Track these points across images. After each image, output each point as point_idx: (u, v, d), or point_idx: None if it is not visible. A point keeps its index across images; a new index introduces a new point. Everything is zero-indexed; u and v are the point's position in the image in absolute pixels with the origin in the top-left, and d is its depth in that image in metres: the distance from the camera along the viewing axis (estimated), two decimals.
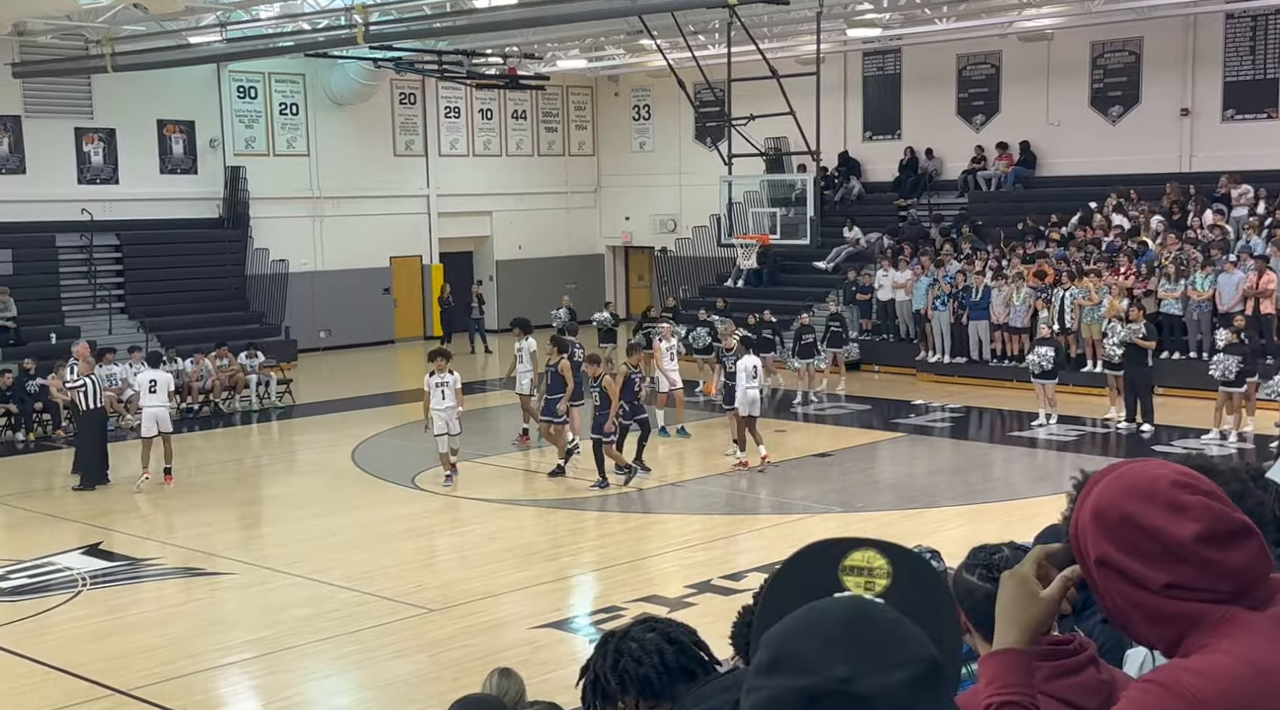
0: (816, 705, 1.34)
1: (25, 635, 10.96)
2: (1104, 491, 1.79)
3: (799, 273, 27.40)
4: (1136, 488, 1.76)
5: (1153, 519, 1.73)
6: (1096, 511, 1.78)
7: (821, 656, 1.36)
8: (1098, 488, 1.81)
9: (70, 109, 25.75)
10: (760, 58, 21.75)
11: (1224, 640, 1.70)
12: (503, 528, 14.47)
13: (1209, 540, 1.71)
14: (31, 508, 15.78)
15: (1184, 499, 1.73)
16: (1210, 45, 24.54)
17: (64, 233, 25.18)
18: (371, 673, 10.09)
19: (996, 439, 19.24)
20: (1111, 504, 1.77)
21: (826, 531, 13.79)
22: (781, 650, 1.39)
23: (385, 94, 30.13)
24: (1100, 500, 1.78)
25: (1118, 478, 1.80)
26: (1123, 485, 1.78)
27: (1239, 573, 1.72)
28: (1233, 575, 1.72)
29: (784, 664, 1.37)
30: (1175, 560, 1.72)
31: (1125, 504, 1.75)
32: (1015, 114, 27.07)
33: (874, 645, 1.37)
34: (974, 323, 22.91)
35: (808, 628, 1.40)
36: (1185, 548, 1.71)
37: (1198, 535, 1.71)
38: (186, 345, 22.84)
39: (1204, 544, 1.71)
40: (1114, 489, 1.78)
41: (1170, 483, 1.75)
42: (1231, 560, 1.72)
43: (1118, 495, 1.77)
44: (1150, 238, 22.50)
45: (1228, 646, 1.69)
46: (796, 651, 1.38)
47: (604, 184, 34.61)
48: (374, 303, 30.19)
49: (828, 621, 1.41)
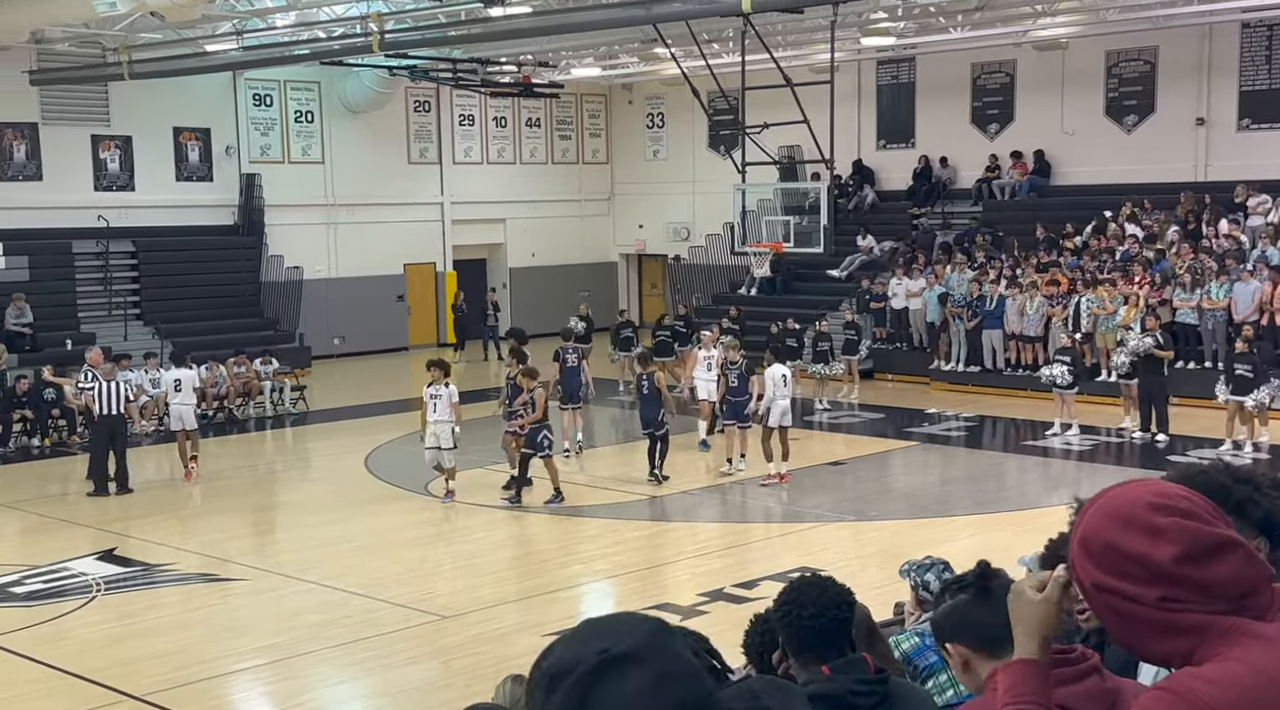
0: (593, 680, 1.60)
1: (40, 640, 11.00)
2: (1089, 521, 1.83)
3: (812, 281, 27.39)
4: (1117, 513, 1.80)
5: (1132, 545, 1.76)
6: (1083, 541, 1.82)
7: (581, 650, 1.63)
8: (1085, 516, 1.85)
9: (87, 116, 25.88)
10: (774, 66, 21.73)
11: (1235, 649, 1.71)
12: (514, 535, 14.48)
13: (1187, 560, 1.74)
14: (46, 513, 15.84)
15: (1158, 522, 1.76)
16: (1226, 54, 24.48)
17: (80, 239, 25.29)
18: (384, 679, 10.10)
19: (1010, 448, 19.20)
20: (1095, 533, 1.81)
21: (839, 540, 13.82)
22: (551, 670, 1.64)
23: (400, 102, 30.22)
24: (1086, 530, 1.83)
25: (1101, 505, 1.84)
26: (1105, 513, 1.82)
27: (1225, 586, 1.74)
28: (1219, 588, 1.74)
29: (557, 673, 1.63)
30: (1160, 581, 1.75)
31: (1107, 532, 1.79)
32: (1030, 123, 27.03)
33: (612, 626, 1.68)
34: (988, 331, 22.87)
35: (562, 644, 1.68)
36: (1166, 569, 1.74)
37: (1175, 557, 1.74)
38: (201, 351, 22.90)
39: (1183, 564, 1.74)
40: (1098, 518, 1.82)
41: (1146, 506, 1.78)
42: (1214, 575, 1.74)
43: (1100, 524, 1.81)
44: (1166, 247, 22.44)
45: (1239, 655, 1.71)
46: (561, 660, 1.64)
47: (618, 192, 34.65)
48: (388, 310, 30.26)
49: (573, 635, 1.69)
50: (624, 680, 1.60)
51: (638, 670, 1.61)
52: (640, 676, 1.61)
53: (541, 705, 1.65)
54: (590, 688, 1.60)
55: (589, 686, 1.60)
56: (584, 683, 1.61)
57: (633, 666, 1.61)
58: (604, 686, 1.60)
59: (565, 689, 1.61)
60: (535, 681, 1.67)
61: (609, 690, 1.60)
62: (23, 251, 24.32)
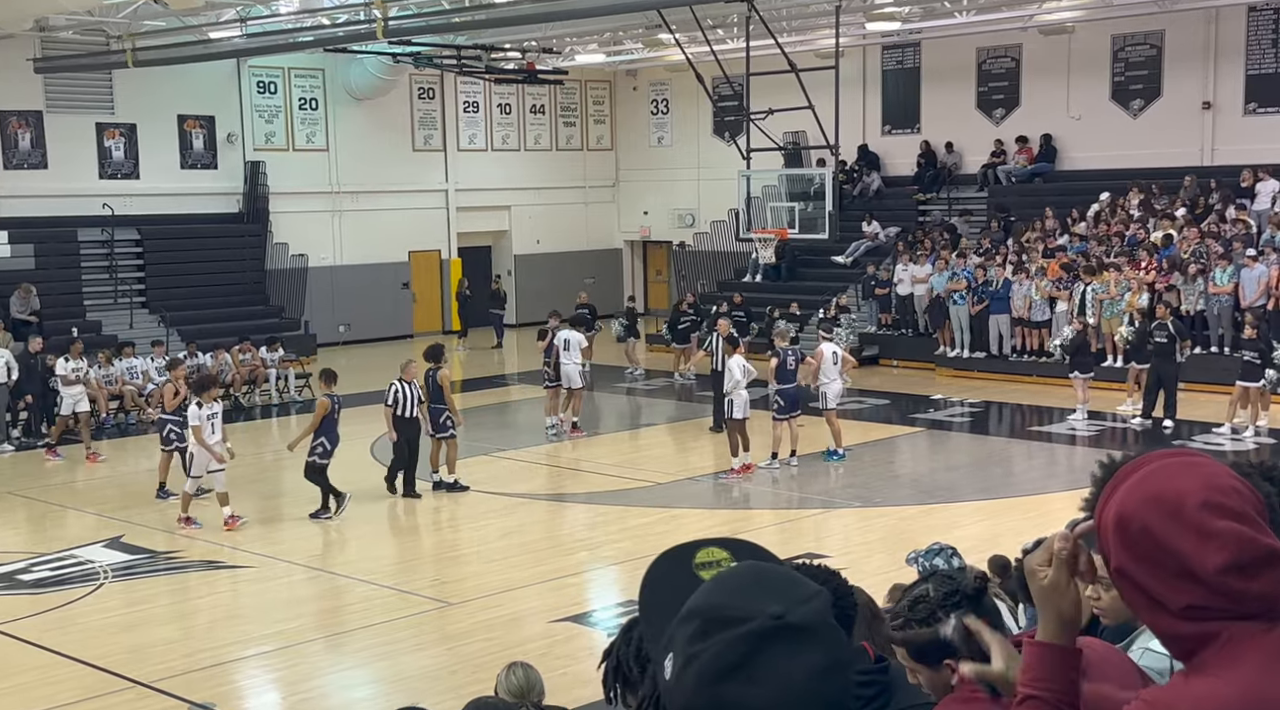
0: (762, 643, 1.52)
1: (47, 628, 11.03)
2: (1128, 496, 1.70)
3: (817, 267, 27.35)
4: (1163, 499, 1.67)
5: (1176, 541, 1.64)
6: (1119, 518, 1.69)
7: (749, 605, 1.54)
8: (1124, 488, 1.71)
9: (91, 104, 25.86)
10: (779, 52, 21.69)
11: (1230, 665, 1.64)
12: (521, 522, 14.49)
13: (1235, 570, 1.63)
14: (53, 501, 15.88)
15: (1212, 525, 1.64)
16: (1232, 38, 24.37)
17: (85, 227, 25.30)
18: (390, 666, 10.12)
19: (1016, 434, 19.18)
20: (1134, 513, 1.68)
21: (844, 527, 13.83)
22: (708, 614, 1.55)
23: (404, 89, 30.17)
24: (1124, 506, 1.69)
25: (1142, 481, 1.70)
26: (1147, 493, 1.69)
27: (1261, 600, 1.65)
28: (1254, 601, 1.65)
29: (716, 623, 1.54)
30: (1196, 585, 1.64)
31: (1147, 517, 1.67)
32: (1036, 107, 26.94)
33: (784, 587, 1.59)
34: (994, 316, 22.81)
35: (724, 591, 1.59)
36: (1209, 576, 1.63)
37: (1223, 566, 1.63)
38: (206, 340, 22.94)
39: (1229, 574, 1.63)
40: (1138, 496, 1.69)
41: (1199, 504, 1.65)
42: (1255, 588, 1.64)
43: (1142, 506, 1.68)
44: (1176, 231, 22.37)
45: (1234, 677, 1.63)
46: (724, 610, 1.55)
47: (622, 178, 34.60)
48: (393, 297, 30.26)
49: (738, 581, 1.61)
50: (795, 655, 1.52)
51: (811, 648, 1.53)
52: (812, 655, 1.53)
53: (684, 645, 1.55)
54: (757, 650, 1.52)
55: (755, 649, 1.52)
56: (750, 642, 1.52)
57: (807, 641, 1.53)
58: (772, 654, 1.52)
59: (725, 640, 1.52)
60: (683, 617, 1.57)
61: (778, 659, 1.51)
62: (28, 240, 24.34)
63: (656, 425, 20.51)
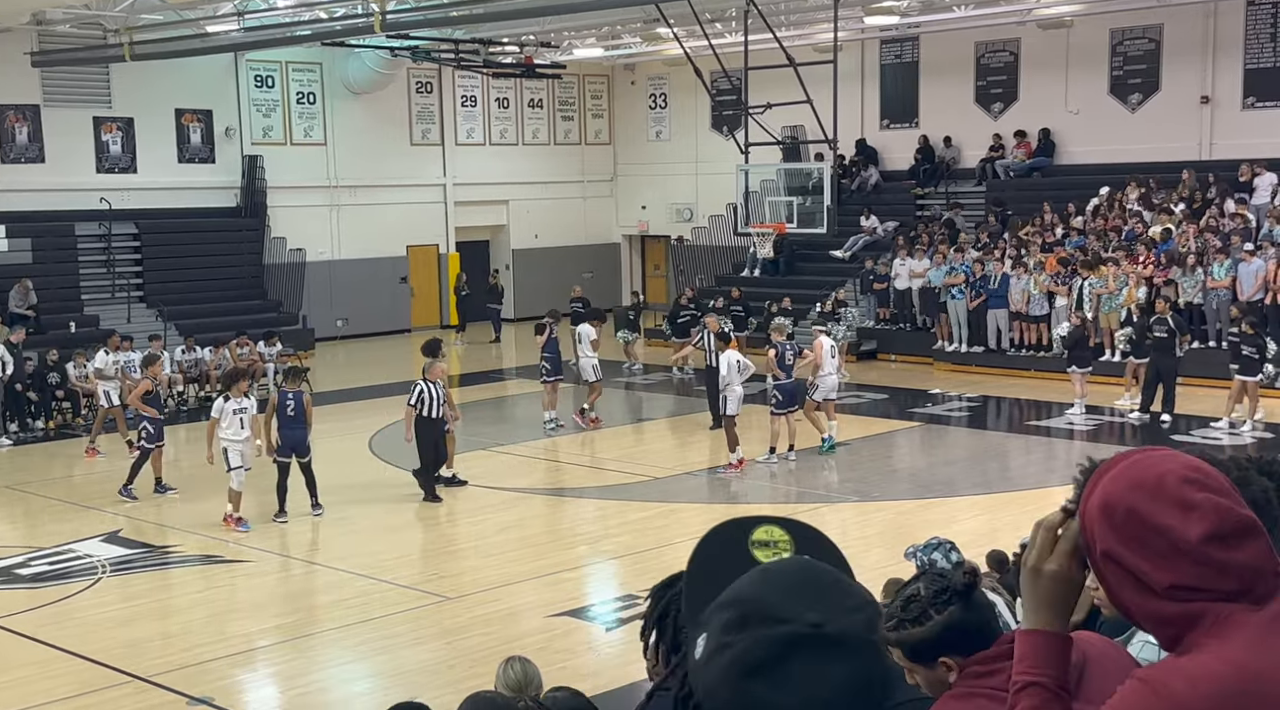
0: (794, 649, 1.50)
1: (45, 622, 11.04)
2: (1111, 484, 1.75)
3: (815, 262, 27.35)
4: (1144, 482, 1.73)
5: (1160, 516, 1.69)
6: (1104, 505, 1.74)
7: (790, 607, 1.52)
8: (1106, 478, 1.77)
9: (89, 98, 25.82)
10: (777, 46, 21.68)
11: (1220, 642, 1.68)
12: (520, 516, 14.49)
13: (1216, 539, 1.68)
14: (51, 495, 15.87)
15: (1192, 496, 1.70)
16: (1231, 32, 24.36)
17: (83, 222, 25.26)
18: (389, 660, 10.13)
19: (1014, 429, 19.19)
20: (1119, 499, 1.73)
21: (842, 522, 13.83)
22: (749, 606, 1.53)
23: (402, 83, 30.14)
24: (1108, 493, 1.75)
25: (1125, 470, 1.76)
26: (1130, 479, 1.75)
27: (1244, 571, 1.69)
28: (1237, 574, 1.69)
29: (755, 617, 1.52)
30: (1181, 559, 1.69)
31: (1132, 499, 1.72)
32: (1034, 102, 26.93)
33: (831, 594, 1.56)
34: (992, 311, 22.83)
35: (769, 585, 1.56)
36: (1192, 547, 1.68)
37: (1205, 535, 1.68)
38: (204, 334, 22.92)
39: (1211, 543, 1.68)
40: (1121, 483, 1.75)
41: (1180, 479, 1.72)
42: (1237, 559, 1.69)
43: (1124, 490, 1.73)
44: (1174, 225, 22.37)
45: (1225, 652, 1.67)
46: (765, 605, 1.52)
47: (620, 173, 34.58)
48: (391, 291, 30.25)
49: (786, 578, 1.57)
50: (829, 666, 1.49)
51: (843, 662, 1.50)
52: (841, 670, 1.50)
53: (719, 631, 1.54)
54: (787, 655, 1.50)
55: (786, 654, 1.50)
56: (783, 646, 1.50)
57: (840, 654, 1.50)
58: (806, 661, 1.49)
59: (758, 637, 1.50)
60: (724, 602, 1.55)
61: (811, 667, 1.49)
62: (26, 234, 24.30)
63: (655, 420, 20.54)
